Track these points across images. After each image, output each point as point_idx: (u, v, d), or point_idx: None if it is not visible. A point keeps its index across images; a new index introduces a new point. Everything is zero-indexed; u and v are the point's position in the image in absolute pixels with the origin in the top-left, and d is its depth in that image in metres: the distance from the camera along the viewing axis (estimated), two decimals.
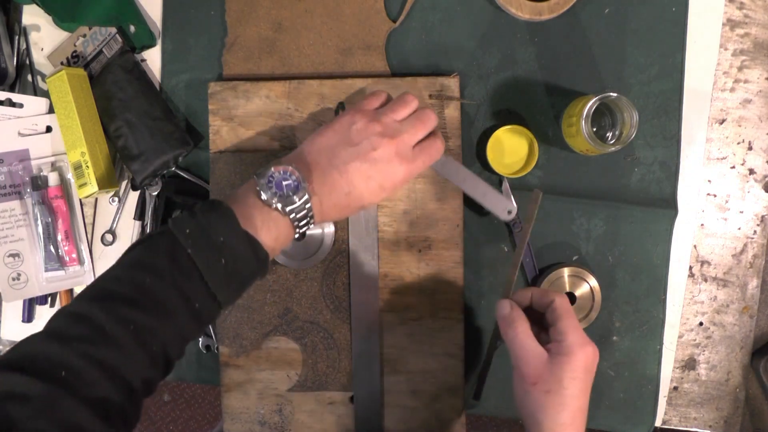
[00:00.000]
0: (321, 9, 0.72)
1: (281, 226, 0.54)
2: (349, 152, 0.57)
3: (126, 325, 0.47)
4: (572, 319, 0.55)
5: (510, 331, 0.57)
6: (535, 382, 0.54)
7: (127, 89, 0.71)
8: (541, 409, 0.53)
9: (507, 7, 0.68)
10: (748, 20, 0.71)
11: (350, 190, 0.57)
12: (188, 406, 1.62)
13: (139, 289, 0.49)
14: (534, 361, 0.54)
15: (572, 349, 0.54)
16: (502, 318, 0.58)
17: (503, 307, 0.59)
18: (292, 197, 0.54)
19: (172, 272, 0.49)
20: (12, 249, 0.73)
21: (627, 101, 0.63)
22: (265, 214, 0.54)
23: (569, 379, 0.53)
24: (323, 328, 0.71)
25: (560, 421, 0.53)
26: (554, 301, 0.57)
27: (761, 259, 0.72)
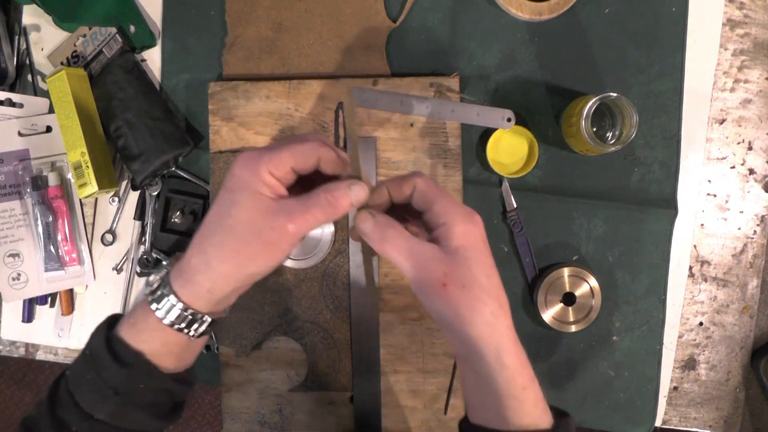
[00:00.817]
0: (321, 9, 0.72)
1: (150, 324, 0.46)
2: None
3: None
4: (446, 195, 0.46)
5: (387, 245, 0.45)
6: (445, 283, 0.44)
7: (127, 89, 0.71)
8: (467, 308, 0.44)
9: (507, 7, 0.68)
10: (748, 20, 0.71)
11: (204, 233, 0.47)
12: (188, 406, 1.62)
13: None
14: (432, 263, 0.45)
15: (464, 228, 0.45)
16: (368, 234, 0.46)
17: (364, 220, 0.46)
18: (153, 291, 0.47)
19: (50, 406, 0.47)
20: (12, 249, 0.73)
21: (627, 101, 0.63)
22: (136, 315, 0.47)
23: (475, 261, 0.45)
24: (323, 328, 0.71)
25: (490, 311, 0.44)
26: (416, 183, 0.47)
27: (761, 259, 0.72)
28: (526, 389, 0.45)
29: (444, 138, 0.69)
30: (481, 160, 0.71)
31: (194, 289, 0.46)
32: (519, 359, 0.45)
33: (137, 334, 0.47)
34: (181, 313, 0.46)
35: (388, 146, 0.70)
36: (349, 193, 0.46)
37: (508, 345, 0.45)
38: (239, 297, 0.65)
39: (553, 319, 0.70)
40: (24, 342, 0.78)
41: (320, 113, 0.70)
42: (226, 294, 0.47)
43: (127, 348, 0.46)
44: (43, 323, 0.77)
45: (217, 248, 0.45)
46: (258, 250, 0.45)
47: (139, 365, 0.46)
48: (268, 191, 0.45)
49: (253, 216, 0.44)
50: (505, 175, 0.70)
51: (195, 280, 0.46)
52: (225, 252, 0.45)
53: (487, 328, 0.44)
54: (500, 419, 0.45)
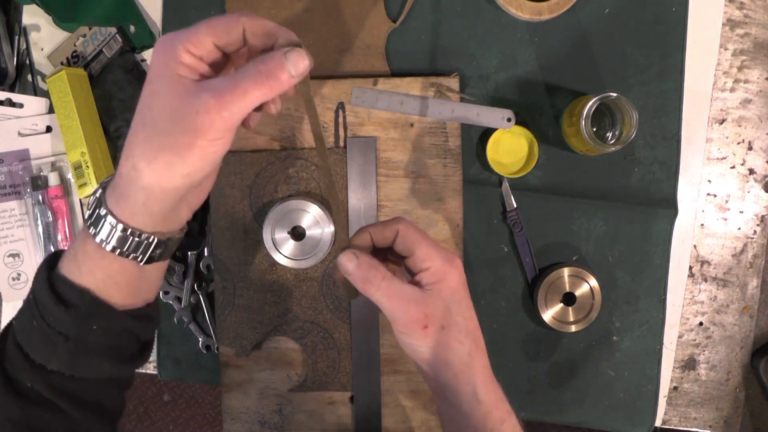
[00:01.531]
0: (321, 9, 0.72)
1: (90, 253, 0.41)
2: None
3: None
4: (428, 238, 0.47)
5: (371, 287, 0.46)
6: (426, 325, 0.46)
7: (127, 89, 0.71)
8: (445, 349, 0.47)
9: (507, 7, 0.68)
10: (748, 20, 0.71)
11: (132, 131, 0.40)
12: (188, 406, 1.62)
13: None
14: (414, 305, 0.46)
15: (444, 272, 0.47)
16: (352, 274, 0.47)
17: (348, 260, 0.46)
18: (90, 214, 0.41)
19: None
20: (12, 249, 0.73)
21: (627, 101, 0.63)
22: (75, 246, 0.42)
23: (455, 303, 0.47)
24: (323, 328, 0.71)
25: (466, 351, 0.47)
26: (399, 229, 0.48)
27: (761, 259, 0.72)
28: (504, 422, 0.48)
29: (444, 138, 0.69)
30: (481, 160, 0.71)
31: (130, 204, 0.39)
32: (495, 395, 0.48)
33: (78, 267, 0.41)
34: (122, 235, 0.40)
35: (388, 146, 0.70)
36: (285, 62, 0.38)
37: (484, 382, 0.48)
38: (238, 297, 0.65)
39: (553, 319, 0.70)
40: None
41: (320, 113, 0.70)
42: (167, 206, 0.40)
43: (70, 285, 0.41)
44: None
45: (142, 148, 0.38)
46: (186, 141, 0.37)
47: (85, 304, 0.41)
48: (188, 72, 0.38)
49: (173, 103, 0.37)
50: (505, 175, 0.70)
51: (128, 193, 0.39)
52: (151, 151, 0.38)
53: (463, 367, 0.47)
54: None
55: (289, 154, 0.70)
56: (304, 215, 0.68)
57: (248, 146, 0.70)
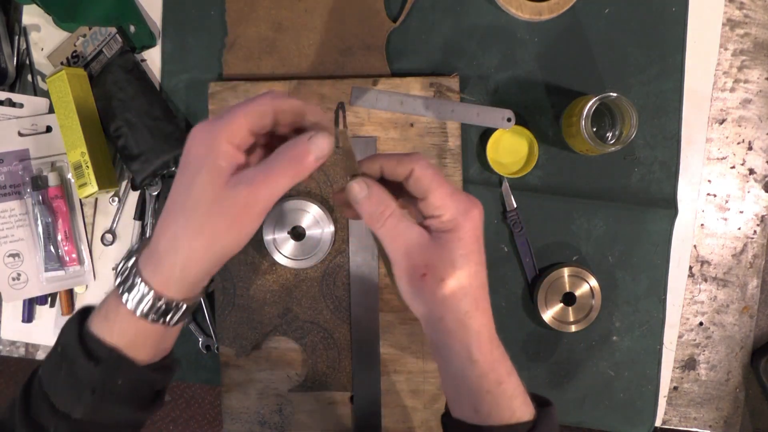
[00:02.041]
0: (321, 9, 0.72)
1: (122, 316, 0.44)
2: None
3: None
4: (444, 185, 0.44)
5: (377, 222, 0.44)
6: (424, 273, 0.43)
7: (127, 89, 0.71)
8: (440, 303, 0.43)
9: (507, 7, 0.68)
10: (748, 20, 0.71)
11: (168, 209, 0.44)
12: (188, 406, 1.62)
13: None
14: (417, 248, 0.43)
15: (457, 222, 0.43)
16: (359, 204, 0.44)
17: (358, 190, 0.44)
18: (122, 281, 0.44)
19: (24, 407, 0.45)
20: (12, 249, 0.73)
21: (627, 101, 0.63)
22: (107, 307, 0.45)
23: (462, 257, 0.43)
24: (323, 328, 0.71)
25: (464, 309, 0.43)
26: (414, 169, 0.44)
27: (761, 259, 0.72)
28: (502, 384, 0.45)
29: (444, 138, 0.69)
30: (481, 160, 0.71)
31: (165, 275, 0.43)
32: (492, 355, 0.45)
33: (110, 328, 0.44)
34: (154, 303, 0.43)
35: (388, 146, 0.70)
36: (309, 147, 0.42)
37: (479, 342, 0.44)
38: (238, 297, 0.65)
39: (553, 319, 0.70)
40: (24, 342, 0.78)
41: None
42: (199, 277, 0.44)
43: (100, 343, 0.44)
44: (43, 323, 0.77)
45: (183, 229, 0.42)
46: (224, 226, 0.42)
47: (114, 360, 0.44)
48: (227, 164, 0.42)
49: (214, 193, 0.41)
50: (505, 175, 0.70)
51: (165, 265, 0.43)
52: (191, 232, 0.42)
53: (457, 325, 0.44)
54: (476, 414, 0.45)
55: None
56: (304, 215, 0.68)
57: None
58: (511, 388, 0.45)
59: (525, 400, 0.45)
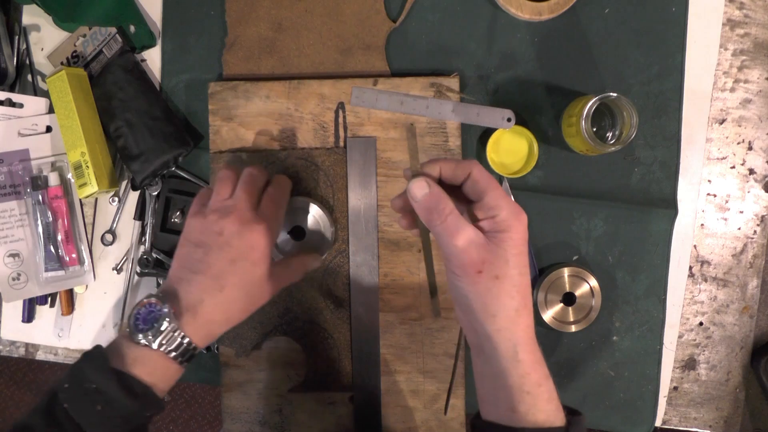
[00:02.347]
0: (321, 9, 0.72)
1: (155, 359, 0.53)
2: (202, 251, 0.56)
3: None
4: (498, 188, 0.48)
5: (437, 218, 0.47)
6: (481, 270, 0.45)
7: (127, 89, 0.71)
8: (495, 299, 0.46)
9: (507, 7, 0.68)
10: (748, 20, 0.71)
11: (223, 283, 0.55)
12: (188, 406, 1.62)
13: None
14: (474, 246, 0.46)
15: (510, 223, 0.46)
16: (419, 201, 0.48)
17: (419, 187, 0.48)
18: (156, 328, 0.52)
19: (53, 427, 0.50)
20: (12, 249, 0.73)
21: (627, 101, 0.63)
22: (136, 351, 0.52)
23: (514, 256, 0.46)
24: (323, 328, 0.71)
25: (515, 306, 0.46)
26: (472, 171, 0.48)
27: (761, 259, 0.72)
28: (541, 386, 0.46)
29: (444, 138, 0.69)
30: (481, 160, 0.71)
31: (209, 332, 0.55)
32: (534, 356, 0.47)
33: (150, 373, 0.52)
34: (191, 352, 0.54)
35: (388, 146, 0.70)
36: (314, 261, 0.65)
37: (525, 341, 0.46)
38: None
39: (553, 319, 0.70)
40: (24, 342, 0.78)
41: (320, 113, 0.70)
42: (223, 333, 0.57)
43: (140, 384, 0.51)
44: (43, 323, 0.77)
45: (230, 313, 0.56)
46: (254, 305, 0.58)
47: (149, 396, 0.52)
48: (269, 265, 0.57)
49: (252, 285, 0.57)
50: (505, 175, 0.70)
51: (214, 333, 0.56)
52: (236, 315, 0.57)
53: (508, 323, 0.46)
54: (513, 415, 0.46)
55: (289, 154, 0.70)
56: (304, 215, 0.68)
57: (248, 146, 0.70)
58: (548, 392, 0.47)
59: (558, 406, 0.47)
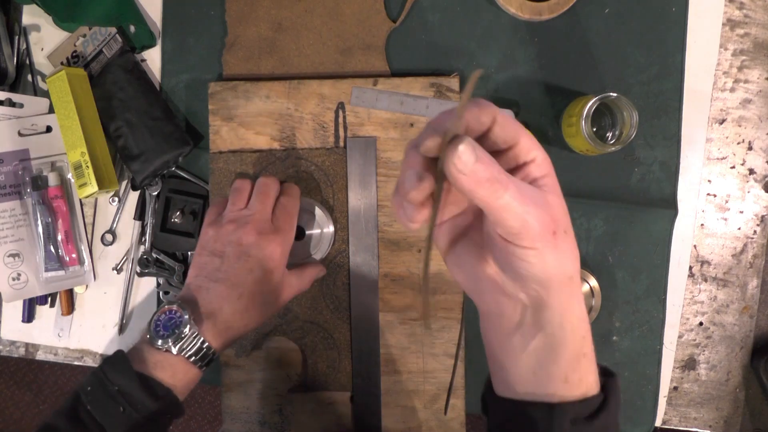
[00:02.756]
0: (321, 9, 0.72)
1: (176, 363, 0.55)
2: (219, 260, 0.59)
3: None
4: (524, 129, 0.40)
5: (500, 187, 0.34)
6: (555, 230, 0.37)
7: (127, 89, 0.71)
8: (569, 257, 0.38)
9: (507, 7, 0.68)
10: (748, 20, 0.71)
11: (242, 291, 0.58)
12: (188, 406, 1.62)
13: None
14: (543, 209, 0.37)
15: (549, 163, 0.40)
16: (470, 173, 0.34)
17: (467, 155, 0.34)
18: (177, 334, 0.55)
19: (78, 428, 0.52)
20: (12, 249, 0.73)
21: (627, 101, 0.63)
22: (157, 356, 0.55)
23: (558, 199, 0.39)
24: (323, 328, 0.71)
25: (568, 274, 0.39)
26: (496, 115, 0.38)
27: (761, 259, 0.72)
28: (591, 344, 0.42)
29: None
30: None
31: (228, 342, 0.58)
32: (584, 324, 0.42)
33: (172, 375, 0.55)
34: (205, 353, 0.56)
35: (388, 146, 0.70)
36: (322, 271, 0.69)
37: (574, 308, 0.40)
38: None
39: None
40: (24, 342, 0.78)
41: (320, 113, 0.70)
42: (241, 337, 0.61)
43: (162, 386, 0.54)
44: (43, 323, 0.77)
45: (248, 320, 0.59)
46: (269, 312, 0.62)
47: (170, 398, 0.54)
48: (282, 271, 0.61)
49: (269, 294, 0.60)
50: None
51: (232, 338, 0.58)
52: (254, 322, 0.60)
53: (560, 289, 0.39)
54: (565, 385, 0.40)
55: (289, 154, 0.70)
56: (304, 214, 0.68)
57: (248, 146, 0.70)
58: (590, 354, 0.42)
59: (597, 370, 0.42)
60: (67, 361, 0.78)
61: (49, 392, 1.65)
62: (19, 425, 1.66)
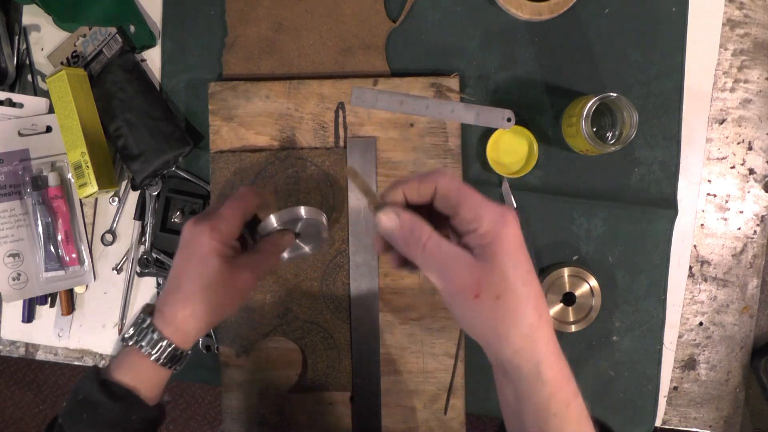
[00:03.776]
0: (321, 9, 0.72)
1: (137, 362, 0.54)
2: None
3: None
4: (473, 195, 0.42)
5: (416, 249, 0.42)
6: (478, 293, 0.40)
7: (127, 89, 0.71)
8: (501, 321, 0.40)
9: (507, 7, 0.68)
10: (748, 20, 0.71)
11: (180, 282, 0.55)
12: (188, 406, 1.62)
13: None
14: (464, 269, 0.40)
15: (497, 231, 0.41)
16: (392, 234, 0.43)
17: (389, 219, 0.43)
18: (136, 332, 0.54)
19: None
20: (12, 249, 0.73)
21: (627, 101, 0.63)
22: (120, 357, 0.55)
23: (511, 268, 0.40)
24: (323, 328, 0.71)
25: (528, 323, 0.41)
26: (438, 184, 0.42)
27: (761, 259, 0.72)
28: (569, 405, 0.42)
29: (444, 138, 0.69)
30: (481, 160, 0.71)
31: (180, 330, 0.54)
32: (561, 373, 0.42)
33: (127, 373, 0.53)
34: (169, 351, 0.54)
35: (388, 146, 0.70)
36: (287, 238, 0.60)
37: (548, 358, 0.42)
38: None
39: (553, 319, 0.70)
40: (24, 342, 0.78)
41: (320, 113, 0.70)
42: (202, 333, 0.57)
43: (119, 385, 0.52)
44: (43, 323, 0.77)
45: (192, 307, 0.54)
46: (225, 303, 0.56)
47: (131, 398, 0.53)
48: (221, 257, 0.55)
49: (214, 281, 0.54)
50: (505, 175, 0.70)
51: (179, 323, 0.54)
52: (199, 309, 0.54)
53: (524, 342, 0.41)
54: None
55: (289, 154, 0.70)
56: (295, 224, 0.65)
57: (248, 146, 0.70)
58: (577, 411, 0.42)
59: (590, 425, 0.43)
60: (67, 361, 0.78)
61: (49, 392, 1.65)
62: (19, 425, 1.66)
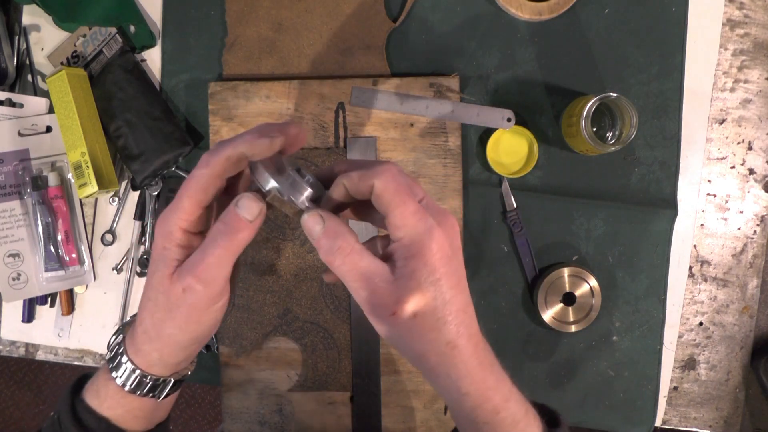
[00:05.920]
0: (321, 9, 0.72)
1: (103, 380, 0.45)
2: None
3: None
4: (408, 201, 0.38)
5: (335, 259, 0.39)
6: (394, 312, 0.37)
7: (127, 89, 0.71)
8: (418, 340, 0.39)
9: (507, 7, 0.68)
10: (748, 20, 0.71)
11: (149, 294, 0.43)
12: (188, 406, 1.62)
13: None
14: (382, 287, 0.38)
15: (421, 244, 0.38)
16: (317, 242, 0.39)
17: (313, 225, 0.39)
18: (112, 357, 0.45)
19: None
20: (12, 249, 0.73)
21: (627, 101, 0.63)
22: (100, 380, 0.46)
23: (432, 284, 0.38)
24: (323, 328, 0.71)
25: (445, 341, 0.39)
26: (374, 184, 0.38)
27: (761, 259, 0.72)
28: (499, 413, 0.41)
29: (444, 138, 0.69)
30: (481, 160, 0.71)
31: (146, 358, 0.44)
32: (485, 384, 0.41)
33: (101, 403, 0.45)
34: (141, 380, 0.44)
35: (388, 146, 0.70)
36: (239, 211, 0.40)
37: (468, 373, 0.40)
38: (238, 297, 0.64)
39: (553, 319, 0.70)
40: (24, 342, 0.78)
41: (320, 113, 0.70)
42: (180, 358, 0.45)
43: (92, 413, 0.44)
44: (43, 323, 0.77)
45: (152, 320, 0.42)
46: (182, 318, 0.42)
47: (102, 430, 0.44)
48: (181, 254, 0.41)
49: (166, 286, 0.41)
50: (505, 175, 0.70)
51: (144, 350, 0.44)
52: (159, 324, 0.42)
53: (440, 359, 0.39)
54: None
55: None
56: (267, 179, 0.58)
57: None
58: (511, 415, 0.41)
59: (529, 422, 0.42)
60: (67, 361, 0.78)
61: (49, 392, 1.65)
62: (19, 425, 1.66)
